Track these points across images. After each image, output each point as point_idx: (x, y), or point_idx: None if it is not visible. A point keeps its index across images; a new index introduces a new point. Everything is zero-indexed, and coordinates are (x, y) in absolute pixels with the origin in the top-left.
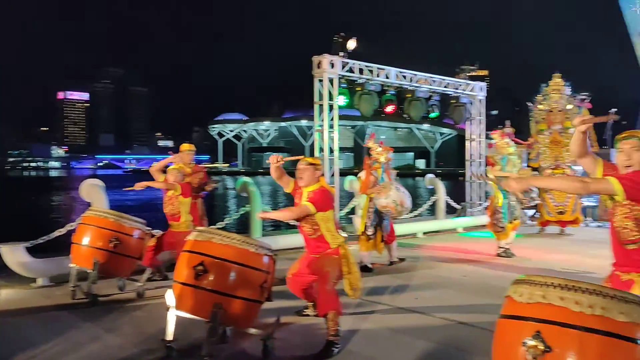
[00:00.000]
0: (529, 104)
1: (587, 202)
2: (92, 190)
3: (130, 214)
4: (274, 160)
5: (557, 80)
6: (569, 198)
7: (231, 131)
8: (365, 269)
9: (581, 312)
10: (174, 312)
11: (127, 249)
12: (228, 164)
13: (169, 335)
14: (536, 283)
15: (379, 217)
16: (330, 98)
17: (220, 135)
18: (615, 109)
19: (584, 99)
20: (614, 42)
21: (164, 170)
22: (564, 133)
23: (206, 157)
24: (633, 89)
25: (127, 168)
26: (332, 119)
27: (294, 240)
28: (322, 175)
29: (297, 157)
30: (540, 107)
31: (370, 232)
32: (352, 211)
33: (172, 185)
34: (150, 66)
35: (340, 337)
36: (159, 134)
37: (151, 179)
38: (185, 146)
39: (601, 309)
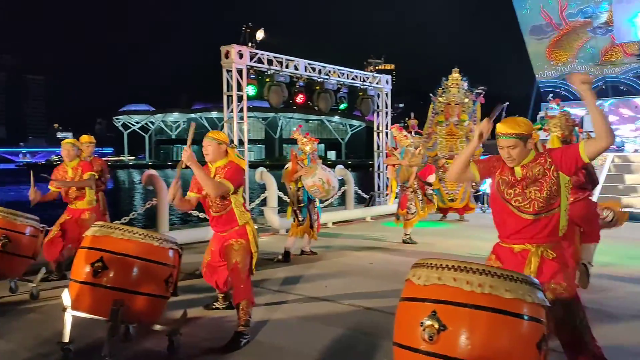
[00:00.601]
0: (431, 95)
1: (482, 189)
2: None
3: (23, 211)
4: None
5: (455, 75)
6: (460, 186)
7: (137, 123)
8: (286, 257)
9: (472, 291)
10: (70, 313)
11: (19, 247)
12: (135, 157)
13: (66, 337)
14: (432, 266)
15: (308, 202)
16: (240, 89)
17: (126, 126)
18: (508, 103)
19: (480, 94)
20: (510, 39)
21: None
22: (459, 125)
23: (110, 149)
24: (524, 85)
25: (21, 162)
26: (241, 110)
27: (202, 233)
28: (233, 147)
29: (192, 131)
30: (440, 99)
31: (301, 217)
32: (264, 203)
33: (85, 183)
34: (47, 54)
35: (250, 328)
36: (57, 125)
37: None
38: (84, 138)
39: (489, 287)
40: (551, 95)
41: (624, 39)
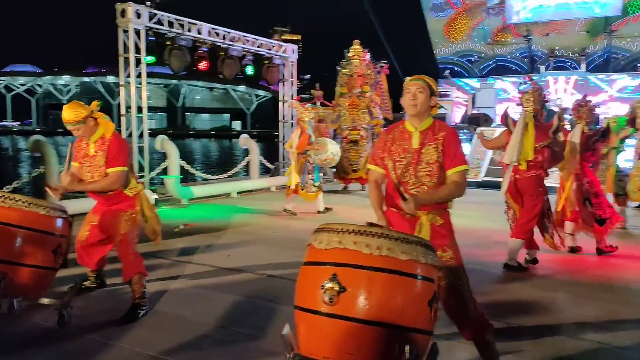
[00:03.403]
0: (337, 67)
1: None
2: None
3: None
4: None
5: (356, 47)
6: (362, 157)
7: (22, 85)
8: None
9: (371, 253)
10: None
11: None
12: (20, 123)
13: None
14: (334, 230)
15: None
16: (138, 51)
17: (9, 89)
18: (408, 77)
19: (382, 66)
20: (413, 16)
21: None
22: (361, 97)
23: None
24: (424, 61)
25: None
26: (140, 75)
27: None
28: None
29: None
30: (343, 71)
31: (317, 183)
32: (165, 171)
33: None
34: None
35: (147, 299)
36: None
37: None
38: None
39: (387, 250)
40: (447, 71)
41: (515, 20)
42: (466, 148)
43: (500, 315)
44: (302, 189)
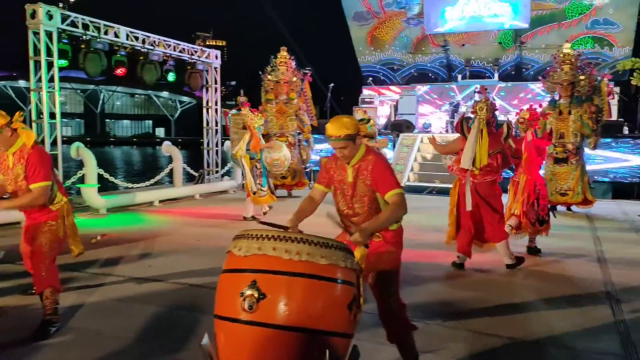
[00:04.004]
0: (261, 73)
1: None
2: None
3: None
4: None
5: (284, 53)
6: (292, 162)
7: None
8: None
9: (290, 259)
10: None
11: None
12: None
13: None
14: (253, 236)
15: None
16: (50, 54)
17: None
18: (333, 84)
19: (307, 73)
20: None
21: None
22: (288, 103)
23: None
24: (349, 69)
25: None
26: (52, 79)
27: (15, 214)
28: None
29: None
30: (269, 77)
31: (265, 187)
32: (82, 179)
33: None
34: None
35: (60, 315)
36: None
37: None
38: None
39: (307, 255)
40: (370, 79)
41: (433, 30)
42: (389, 153)
43: (422, 315)
44: (254, 193)
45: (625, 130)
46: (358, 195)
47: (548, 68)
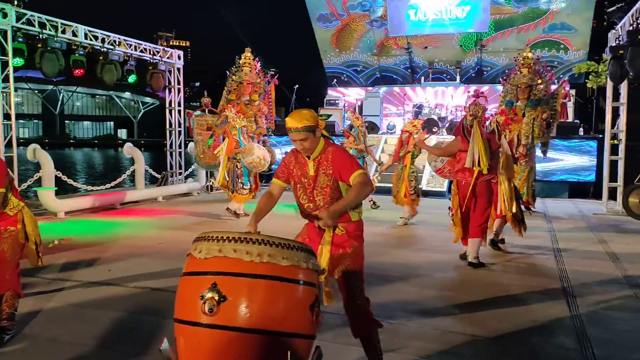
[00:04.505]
0: (228, 72)
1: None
2: None
3: None
4: None
5: (248, 54)
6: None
7: None
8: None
9: (252, 260)
10: None
11: None
12: None
13: None
14: (213, 238)
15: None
16: (4, 54)
17: None
18: (297, 85)
19: (272, 75)
20: (302, 25)
21: None
22: (249, 105)
23: None
24: (315, 70)
25: None
26: (7, 79)
27: None
28: None
29: None
30: (233, 77)
31: (247, 186)
32: (39, 182)
33: None
34: None
35: (15, 322)
36: None
37: None
38: None
39: (268, 256)
40: (335, 80)
41: (396, 32)
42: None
43: (386, 314)
44: (234, 192)
45: (581, 132)
46: (319, 187)
47: (507, 70)
